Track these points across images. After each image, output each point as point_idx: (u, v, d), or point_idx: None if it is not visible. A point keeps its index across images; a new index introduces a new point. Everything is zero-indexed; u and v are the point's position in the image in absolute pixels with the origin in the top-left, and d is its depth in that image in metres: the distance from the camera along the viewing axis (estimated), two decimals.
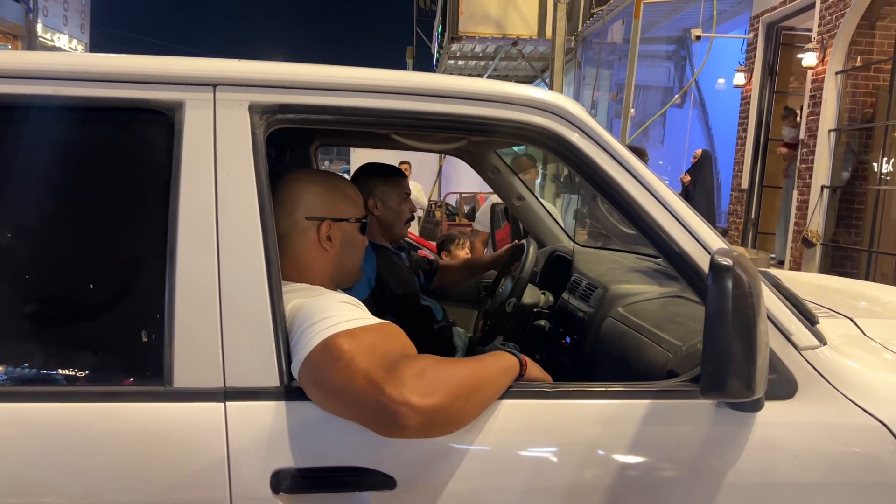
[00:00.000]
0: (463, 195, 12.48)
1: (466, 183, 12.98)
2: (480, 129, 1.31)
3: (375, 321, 1.17)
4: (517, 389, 1.22)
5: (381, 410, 1.01)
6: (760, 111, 8.47)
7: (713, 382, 1.09)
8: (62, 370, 1.15)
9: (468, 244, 4.11)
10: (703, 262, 1.25)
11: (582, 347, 2.01)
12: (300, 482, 1.13)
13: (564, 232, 2.94)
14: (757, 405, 1.19)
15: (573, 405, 1.23)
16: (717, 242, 1.26)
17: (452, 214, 12.03)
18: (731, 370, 1.07)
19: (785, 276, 2.47)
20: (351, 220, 1.42)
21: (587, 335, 1.98)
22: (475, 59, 13.66)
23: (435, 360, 1.09)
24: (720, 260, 1.07)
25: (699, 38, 8.23)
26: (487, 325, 2.36)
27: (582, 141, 1.29)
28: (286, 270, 1.29)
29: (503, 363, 1.21)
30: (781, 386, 1.24)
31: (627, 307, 1.88)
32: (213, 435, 1.12)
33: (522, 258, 2.28)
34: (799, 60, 7.52)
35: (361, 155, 12.22)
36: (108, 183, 1.22)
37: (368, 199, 2.15)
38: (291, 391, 1.15)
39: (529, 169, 4.65)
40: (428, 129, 1.38)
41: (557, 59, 9.85)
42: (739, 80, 8.60)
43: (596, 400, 1.23)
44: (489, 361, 1.19)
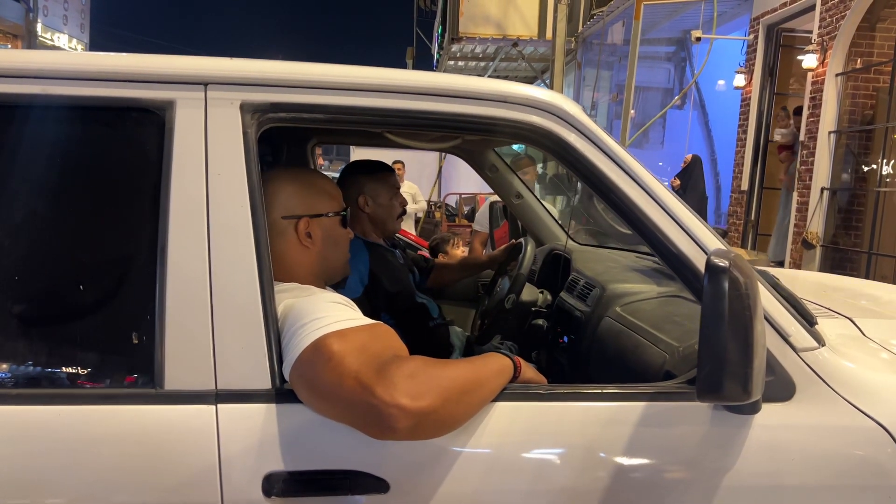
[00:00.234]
0: (463, 196, 12.47)
1: (466, 184, 12.97)
2: (476, 128, 1.30)
3: (367, 321, 1.16)
4: (511, 391, 1.21)
5: (371, 412, 1.00)
6: (760, 113, 8.46)
7: (709, 385, 1.07)
8: (52, 372, 1.14)
9: (461, 242, 4.11)
10: (699, 262, 1.23)
11: (579, 347, 1.99)
12: (292, 485, 1.11)
13: (563, 230, 2.93)
14: (754, 408, 1.18)
15: (569, 407, 1.21)
16: (714, 243, 1.24)
17: (452, 215, 12.03)
18: (727, 372, 1.06)
19: (784, 274, 2.46)
20: (329, 214, 1.40)
21: (584, 334, 1.97)
22: (475, 59, 13.67)
23: (426, 361, 1.08)
24: (716, 261, 1.06)
25: (699, 39, 8.21)
26: (485, 324, 2.35)
27: (579, 141, 1.28)
28: (273, 271, 1.28)
29: (496, 365, 1.20)
30: (779, 388, 1.23)
31: (625, 307, 1.86)
32: (204, 438, 1.11)
33: (521, 256, 2.26)
34: (799, 62, 7.51)
35: (361, 154, 12.22)
36: (98, 182, 1.21)
37: (359, 197, 2.15)
38: (283, 394, 1.14)
39: (528, 169, 4.64)
40: (422, 127, 1.37)
41: (558, 60, 9.85)
42: (739, 81, 8.59)
43: (592, 402, 1.22)
44: (482, 363, 1.18)
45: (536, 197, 2.96)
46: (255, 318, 1.14)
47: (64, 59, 1.19)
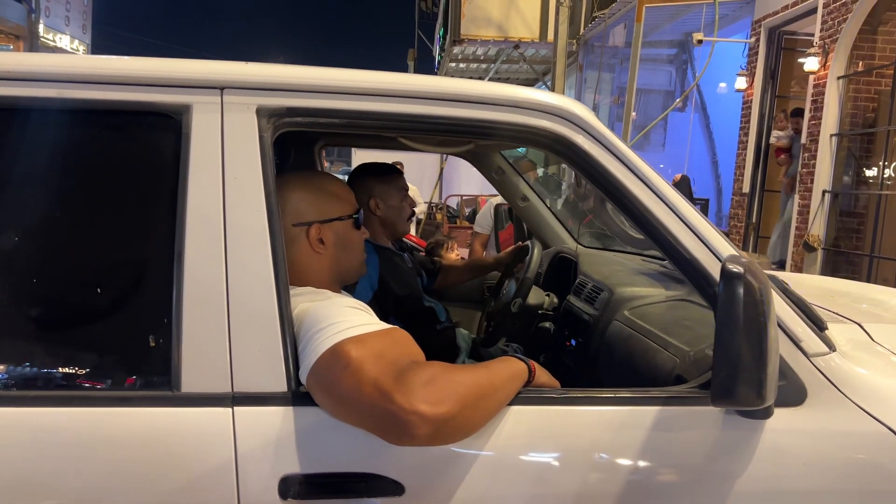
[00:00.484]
0: (464, 197, 12.48)
1: (467, 185, 12.98)
2: (487, 132, 1.30)
3: (383, 326, 1.16)
4: (525, 395, 1.21)
5: (390, 419, 1.01)
6: (762, 115, 8.47)
7: (724, 390, 1.08)
8: (70, 374, 1.14)
9: (455, 246, 4.09)
10: (712, 267, 1.24)
11: (587, 350, 2.00)
12: (308, 488, 1.12)
13: (569, 234, 2.93)
14: (767, 412, 1.19)
15: (582, 411, 1.22)
16: (726, 249, 1.25)
17: (453, 217, 12.03)
18: (741, 378, 1.06)
19: (789, 279, 2.46)
20: (342, 217, 1.40)
21: (592, 338, 1.97)
22: (476, 61, 13.68)
23: (444, 367, 1.08)
24: (731, 267, 1.06)
25: (701, 41, 8.22)
26: (491, 326, 2.36)
27: (589, 144, 1.29)
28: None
29: (512, 369, 1.20)
30: (791, 393, 1.23)
31: (634, 310, 1.87)
32: (220, 440, 1.11)
33: (527, 259, 2.27)
34: (801, 65, 7.52)
35: (362, 156, 12.23)
36: (115, 186, 1.21)
37: (369, 200, 2.15)
38: (299, 396, 1.14)
39: (529, 171, 4.64)
40: (434, 132, 1.38)
41: (559, 62, 9.86)
42: (741, 84, 8.60)
43: (605, 406, 1.23)
44: (498, 368, 1.18)
45: (542, 199, 2.97)
46: (271, 321, 1.15)
47: (81, 62, 1.19)
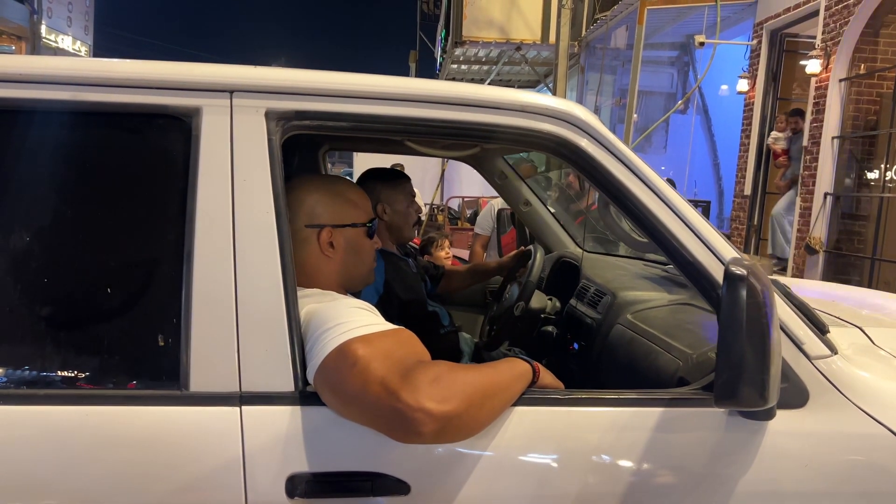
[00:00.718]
0: (465, 199, 12.49)
1: (469, 187, 12.99)
2: (492, 135, 1.32)
3: (390, 327, 1.18)
4: (530, 396, 1.23)
5: (396, 417, 1.02)
6: (763, 118, 8.47)
7: (727, 391, 1.09)
8: (79, 373, 1.16)
9: (446, 244, 4.06)
10: (715, 270, 1.25)
11: (590, 354, 2.01)
12: (315, 486, 1.13)
13: (571, 238, 2.95)
14: (769, 414, 1.20)
15: (586, 412, 1.23)
16: (729, 252, 1.26)
17: (455, 218, 12.04)
18: (744, 379, 1.08)
19: (790, 283, 2.47)
20: (356, 224, 1.41)
21: (595, 342, 1.99)
22: (478, 63, 13.69)
23: (450, 366, 1.10)
24: (735, 269, 1.08)
25: (702, 44, 8.22)
26: (494, 330, 2.37)
27: (592, 147, 1.30)
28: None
29: (517, 370, 1.22)
30: (793, 395, 1.25)
31: (636, 314, 1.88)
32: (228, 439, 1.13)
33: (530, 263, 2.28)
34: (802, 67, 7.52)
35: (363, 158, 12.25)
36: (126, 188, 1.22)
37: (376, 204, 2.16)
38: (306, 396, 1.16)
39: (530, 175, 4.66)
40: (439, 135, 1.39)
41: (561, 64, 9.87)
42: (742, 86, 8.60)
43: (609, 407, 1.24)
44: (503, 368, 1.20)
45: (544, 204, 2.98)
46: (279, 321, 1.16)
47: (93, 65, 1.21)
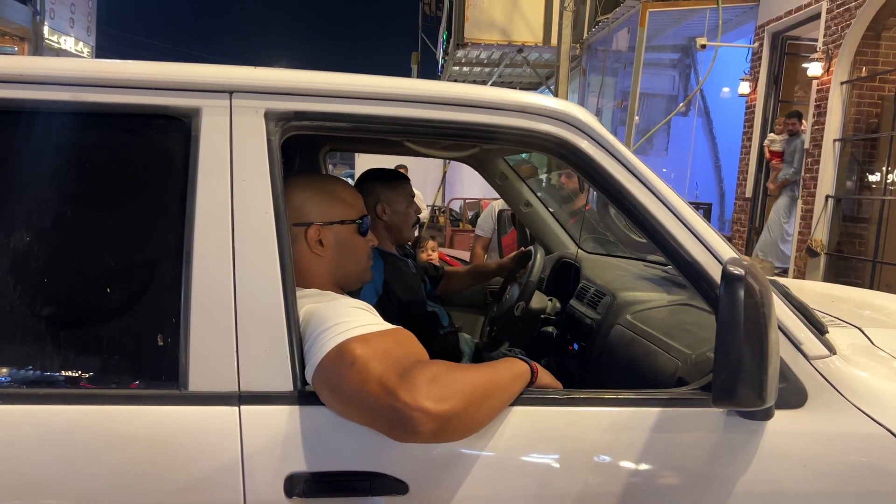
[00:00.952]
0: (467, 201, 12.49)
1: (470, 189, 12.99)
2: (492, 136, 1.32)
3: (388, 326, 1.18)
4: (528, 396, 1.23)
5: (395, 416, 1.02)
6: (765, 120, 8.48)
7: (725, 391, 1.09)
8: (78, 373, 1.16)
9: (429, 244, 4.02)
10: (713, 271, 1.25)
11: (590, 354, 2.01)
12: (313, 486, 1.13)
13: (571, 239, 2.95)
14: (767, 414, 1.20)
15: (584, 412, 1.23)
16: (727, 252, 1.26)
17: (456, 220, 12.04)
18: (742, 379, 1.08)
19: (790, 284, 2.47)
20: (344, 221, 1.41)
21: (595, 342, 1.99)
22: (480, 65, 13.70)
23: (448, 365, 1.10)
24: (732, 269, 1.08)
25: (704, 46, 8.22)
26: (494, 330, 2.37)
27: (593, 148, 1.30)
28: None
29: (515, 370, 1.22)
30: (791, 395, 1.25)
31: (636, 315, 1.88)
32: (227, 438, 1.13)
33: (530, 263, 2.28)
34: (804, 70, 7.53)
35: (365, 159, 12.26)
36: (126, 188, 1.23)
37: (376, 205, 2.16)
38: (305, 396, 1.16)
39: (530, 176, 4.64)
40: (440, 136, 1.39)
41: (562, 66, 9.89)
42: (744, 89, 8.61)
43: (607, 407, 1.24)
44: (501, 368, 1.20)
45: (545, 205, 2.99)
46: (277, 321, 1.16)
47: (93, 66, 1.21)
